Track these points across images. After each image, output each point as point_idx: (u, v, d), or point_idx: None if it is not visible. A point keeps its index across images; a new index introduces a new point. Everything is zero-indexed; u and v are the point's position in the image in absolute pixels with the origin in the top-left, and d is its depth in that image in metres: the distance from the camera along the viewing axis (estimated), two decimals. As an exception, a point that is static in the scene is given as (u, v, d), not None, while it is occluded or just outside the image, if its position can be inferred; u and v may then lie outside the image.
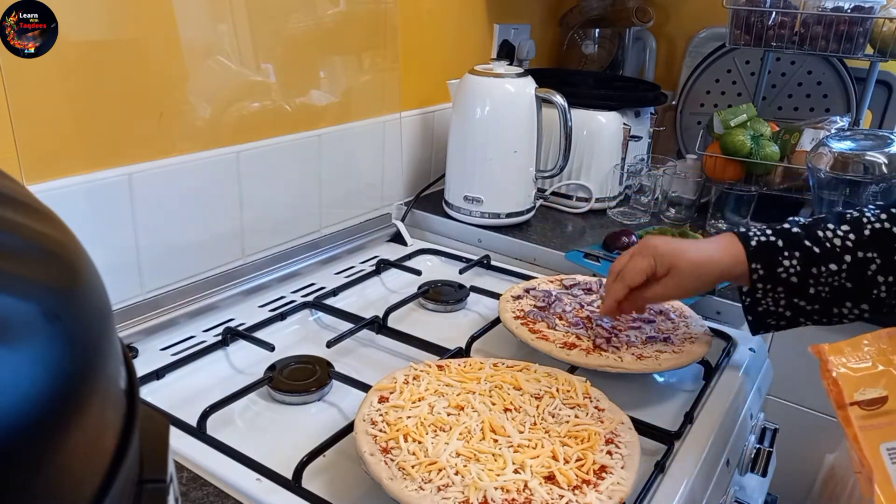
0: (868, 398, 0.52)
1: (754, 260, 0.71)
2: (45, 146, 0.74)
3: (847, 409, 0.53)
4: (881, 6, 1.25)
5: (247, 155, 0.95)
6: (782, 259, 0.70)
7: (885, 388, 0.52)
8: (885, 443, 0.50)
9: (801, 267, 0.69)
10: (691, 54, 1.64)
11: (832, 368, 0.55)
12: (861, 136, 1.18)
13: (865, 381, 0.53)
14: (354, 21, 1.07)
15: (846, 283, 0.68)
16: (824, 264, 0.68)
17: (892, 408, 0.52)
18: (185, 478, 0.61)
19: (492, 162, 1.17)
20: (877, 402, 0.52)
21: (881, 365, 0.54)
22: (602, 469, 0.57)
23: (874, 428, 0.51)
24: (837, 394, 0.54)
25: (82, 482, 0.21)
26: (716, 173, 1.35)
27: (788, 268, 0.70)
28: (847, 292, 0.68)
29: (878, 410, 0.52)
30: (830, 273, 0.68)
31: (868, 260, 0.67)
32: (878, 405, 0.52)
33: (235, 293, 0.93)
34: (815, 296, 0.69)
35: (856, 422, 0.52)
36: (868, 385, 0.53)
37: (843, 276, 0.68)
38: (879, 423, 0.51)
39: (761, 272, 0.71)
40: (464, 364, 0.71)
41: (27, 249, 0.22)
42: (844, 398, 0.53)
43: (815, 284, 0.69)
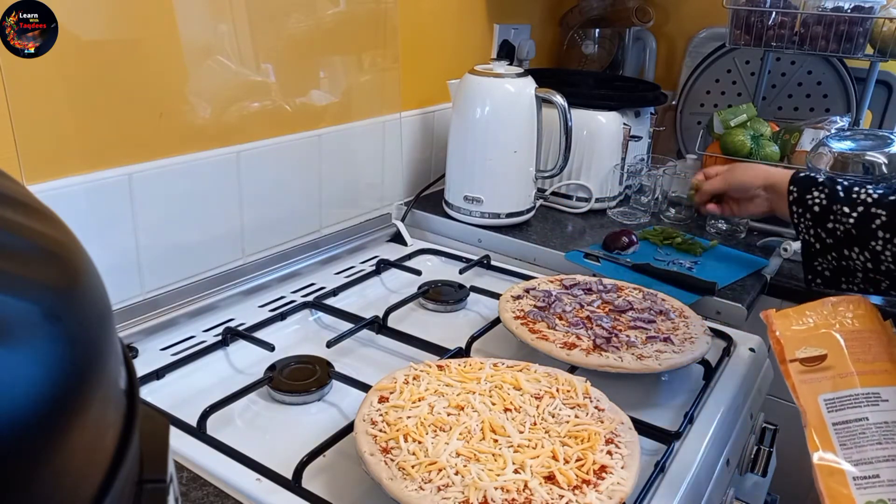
0: (808, 356, 0.59)
1: (793, 183, 0.89)
2: (45, 146, 0.74)
3: (787, 364, 0.59)
4: (881, 6, 1.26)
5: (247, 155, 0.95)
6: (814, 189, 0.86)
7: (825, 348, 0.59)
8: (822, 394, 0.57)
9: (826, 201, 0.84)
10: (691, 54, 1.64)
11: (776, 329, 0.61)
12: (861, 136, 1.18)
13: (807, 341, 0.60)
14: (354, 21, 1.07)
15: (852, 229, 0.81)
16: (840, 204, 0.82)
17: (829, 364, 0.58)
18: (185, 478, 0.61)
19: (492, 162, 1.17)
20: (816, 360, 0.58)
21: (823, 328, 0.60)
22: (602, 469, 0.57)
23: (812, 381, 0.58)
24: (780, 351, 0.60)
25: (82, 482, 0.21)
26: (716, 173, 1.35)
27: (815, 197, 0.85)
28: (852, 237, 0.81)
29: (817, 367, 0.58)
30: (844, 214, 0.82)
31: (876, 215, 0.79)
32: (816, 362, 0.58)
33: (235, 293, 0.93)
34: (832, 231, 0.83)
35: (795, 376, 0.58)
36: (809, 344, 0.60)
37: (851, 220, 0.81)
38: (818, 378, 0.58)
39: (795, 195, 0.88)
40: (464, 364, 0.71)
41: (27, 249, 0.22)
42: (786, 355, 0.60)
43: (833, 220, 0.83)
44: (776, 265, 1.10)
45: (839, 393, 0.56)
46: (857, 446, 0.54)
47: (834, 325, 0.60)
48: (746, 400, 0.81)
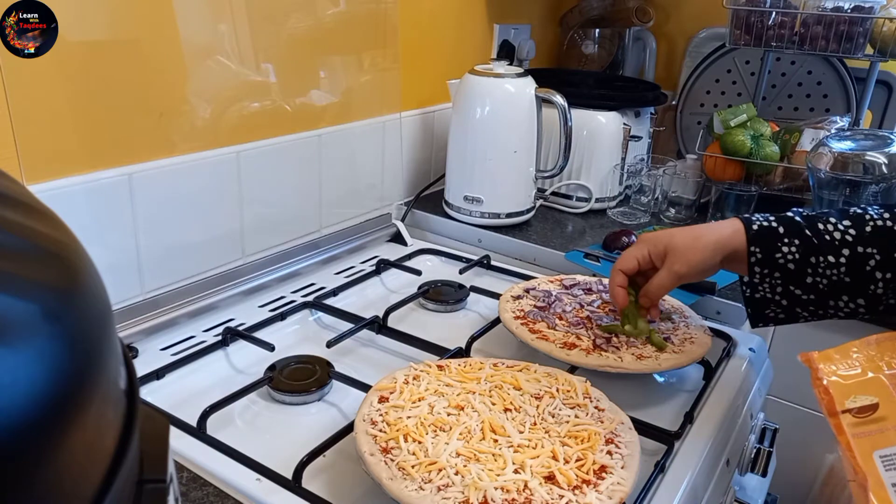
0: (859, 405, 0.53)
1: (754, 243, 0.71)
2: (45, 146, 0.74)
3: (839, 416, 0.53)
4: (881, 6, 1.25)
5: (247, 155, 0.95)
6: (781, 245, 0.70)
7: (876, 395, 0.53)
8: (877, 450, 0.51)
9: (799, 255, 0.69)
10: (691, 54, 1.64)
11: (822, 377, 0.55)
12: (861, 136, 1.18)
13: (856, 388, 0.54)
14: (354, 21, 1.07)
15: (844, 277, 0.68)
16: (823, 255, 0.68)
17: (882, 415, 0.52)
18: (185, 478, 0.61)
19: (492, 162, 1.17)
20: (868, 410, 0.52)
21: (871, 372, 0.54)
22: (602, 469, 0.57)
23: (866, 435, 0.52)
24: (829, 402, 0.54)
25: (82, 482, 0.21)
26: (716, 173, 1.35)
27: (787, 254, 0.70)
28: (844, 286, 0.68)
29: (869, 417, 0.52)
30: (829, 265, 0.68)
31: (867, 255, 0.67)
32: (869, 412, 0.52)
33: (235, 293, 0.93)
34: (813, 286, 0.69)
35: (848, 429, 0.52)
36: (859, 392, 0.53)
37: (841, 269, 0.68)
38: (871, 431, 0.52)
39: (759, 255, 0.71)
40: (464, 364, 0.71)
41: (27, 249, 0.22)
42: (836, 406, 0.54)
43: (813, 274, 0.69)
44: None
45: None
46: None
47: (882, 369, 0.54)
48: (746, 400, 0.81)
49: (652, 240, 0.76)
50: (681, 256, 0.74)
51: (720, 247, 0.73)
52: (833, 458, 1.09)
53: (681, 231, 0.76)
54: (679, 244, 0.74)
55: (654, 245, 0.76)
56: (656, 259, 0.76)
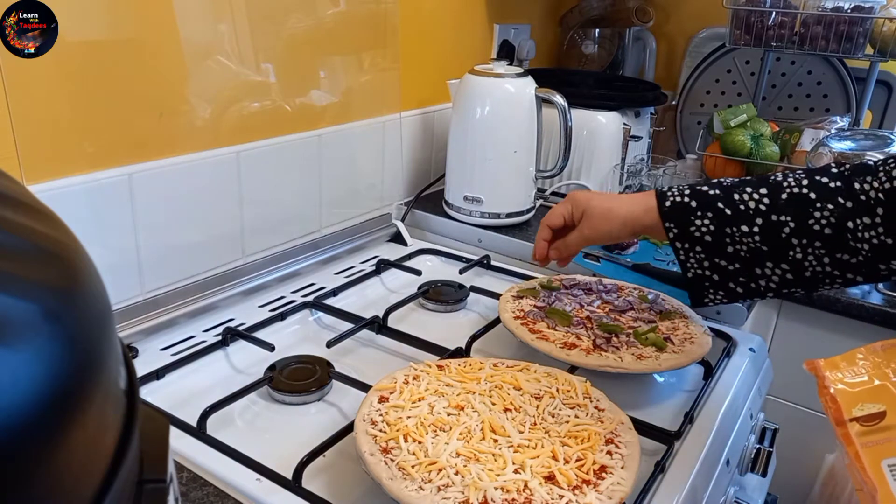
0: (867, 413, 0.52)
1: (668, 220, 0.73)
2: (45, 146, 0.74)
3: (846, 425, 0.52)
4: (881, 6, 1.26)
5: (247, 155, 0.95)
6: (694, 219, 0.71)
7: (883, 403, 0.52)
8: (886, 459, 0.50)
9: (714, 227, 0.70)
10: (691, 54, 1.64)
11: (829, 385, 0.54)
12: (861, 136, 1.18)
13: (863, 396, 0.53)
14: (354, 21, 1.07)
15: (761, 246, 0.69)
16: (736, 225, 0.69)
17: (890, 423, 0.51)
18: (185, 478, 0.61)
19: (492, 162, 1.17)
20: (876, 418, 0.52)
21: (877, 379, 0.53)
22: (602, 469, 0.57)
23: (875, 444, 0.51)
24: (836, 410, 0.54)
25: (82, 482, 0.21)
26: (716, 173, 1.35)
27: (701, 227, 0.71)
28: (763, 254, 0.69)
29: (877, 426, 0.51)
30: (743, 234, 0.69)
31: (781, 223, 0.68)
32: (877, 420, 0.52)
33: (235, 293, 0.93)
34: (735, 255, 0.70)
35: (856, 439, 0.51)
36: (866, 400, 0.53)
37: (755, 238, 0.69)
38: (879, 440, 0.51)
39: (676, 231, 0.72)
40: (464, 364, 0.71)
41: (27, 249, 0.22)
42: (843, 415, 0.53)
43: (732, 243, 0.70)
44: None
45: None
46: None
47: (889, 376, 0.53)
48: (746, 400, 0.81)
49: (576, 200, 0.81)
50: (591, 222, 0.79)
51: (629, 222, 0.76)
52: (833, 458, 1.09)
53: (600, 198, 0.80)
54: (593, 211, 0.79)
55: (576, 206, 0.81)
56: (576, 219, 0.81)
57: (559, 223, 0.82)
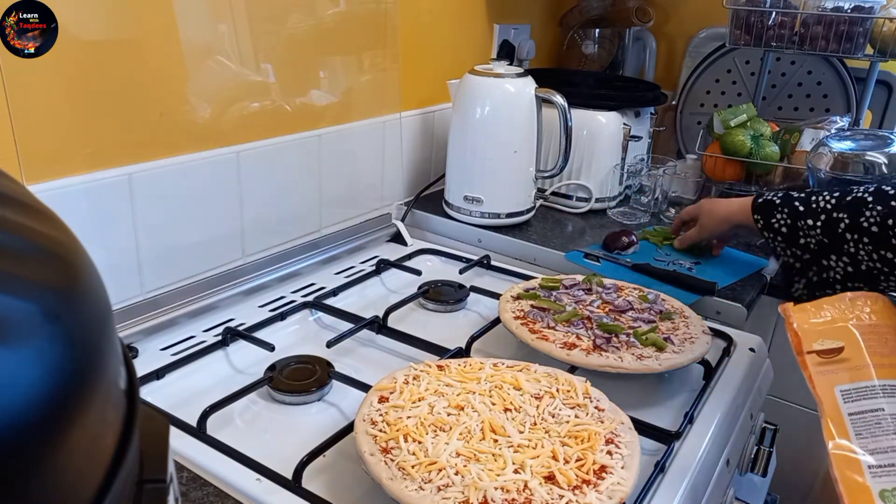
0: (825, 348, 0.59)
1: (756, 212, 0.95)
2: (45, 146, 0.74)
3: (805, 355, 0.60)
4: (881, 6, 1.26)
5: (247, 155, 0.95)
6: (776, 212, 0.92)
7: (842, 341, 0.59)
8: (838, 385, 0.57)
9: (790, 220, 0.90)
10: (691, 54, 1.64)
11: (793, 322, 0.62)
12: (861, 136, 1.18)
13: (824, 334, 0.60)
14: (354, 21, 1.07)
15: (823, 239, 0.86)
16: (804, 219, 0.88)
17: (846, 357, 0.58)
18: (185, 478, 0.61)
19: (492, 162, 1.17)
20: (833, 352, 0.59)
21: (840, 322, 0.61)
22: (602, 469, 0.57)
23: (829, 373, 0.58)
24: (797, 343, 0.61)
25: (82, 482, 0.21)
26: (716, 173, 1.35)
27: (780, 220, 0.91)
28: (826, 246, 0.85)
29: (833, 359, 0.58)
30: (810, 227, 0.87)
31: (838, 219, 0.83)
32: (833, 354, 0.59)
33: (235, 293, 0.93)
34: (805, 246, 0.88)
35: (812, 367, 0.59)
36: (826, 337, 0.60)
37: (817, 230, 0.86)
38: (834, 369, 0.58)
39: (762, 222, 0.94)
40: (464, 364, 0.71)
41: (27, 249, 0.22)
42: (803, 347, 0.60)
43: (804, 236, 0.88)
44: (776, 265, 1.10)
45: (855, 384, 0.57)
46: (873, 436, 0.54)
47: (851, 319, 0.60)
48: (746, 400, 0.81)
49: (700, 203, 1.07)
50: (702, 221, 1.05)
51: (727, 219, 1.00)
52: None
53: (711, 202, 1.05)
54: (703, 212, 1.04)
55: (699, 207, 1.06)
56: (695, 217, 1.07)
57: (688, 217, 1.10)
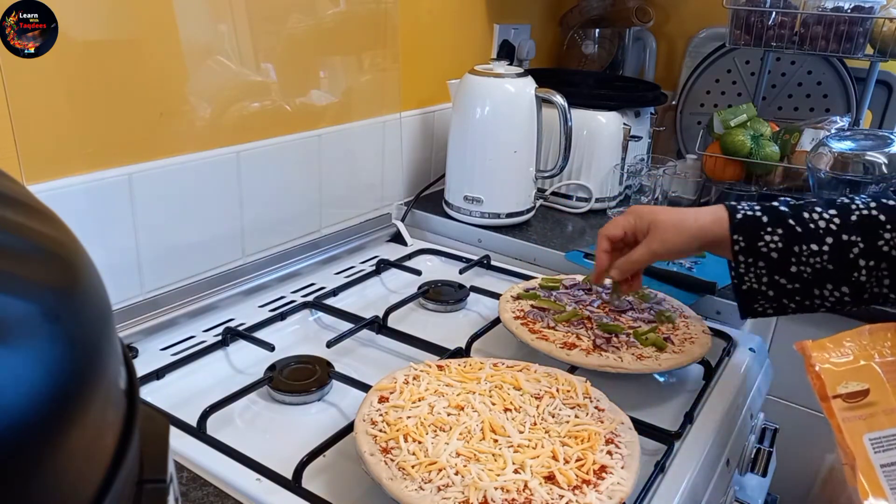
0: (850, 391, 0.55)
1: (737, 232, 0.71)
2: (45, 146, 0.74)
3: (830, 401, 0.55)
4: (881, 6, 1.25)
5: (247, 155, 0.95)
6: (764, 234, 0.70)
7: (867, 382, 0.55)
8: (867, 433, 0.53)
9: (782, 244, 0.69)
10: (691, 54, 1.64)
11: (815, 363, 0.57)
12: (861, 136, 1.18)
13: (847, 375, 0.56)
14: (354, 21, 1.07)
15: (828, 265, 0.68)
16: (806, 244, 0.69)
17: (873, 400, 0.54)
18: (185, 478, 0.61)
19: (492, 162, 1.17)
20: (858, 395, 0.54)
21: (862, 360, 0.56)
22: (602, 469, 0.57)
23: (857, 419, 0.54)
24: (821, 387, 0.56)
25: (82, 482, 0.21)
26: (716, 173, 1.35)
27: (769, 243, 0.70)
28: (828, 274, 0.68)
29: (860, 403, 0.54)
30: (812, 253, 0.68)
31: (851, 243, 0.67)
32: (859, 398, 0.54)
33: (235, 293, 0.93)
34: (797, 275, 0.69)
35: (839, 413, 0.54)
36: (850, 379, 0.55)
37: (824, 257, 0.68)
38: (862, 415, 0.54)
39: (743, 244, 0.71)
40: (464, 364, 0.71)
41: (27, 249, 0.22)
42: (828, 391, 0.56)
43: (797, 263, 0.69)
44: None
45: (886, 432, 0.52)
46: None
47: (873, 357, 0.56)
48: (746, 400, 0.81)
49: (640, 213, 0.77)
50: (660, 236, 0.75)
51: (700, 235, 0.74)
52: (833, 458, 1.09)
53: (666, 211, 0.76)
54: (662, 224, 0.75)
55: (640, 219, 0.76)
56: (639, 233, 0.77)
57: (619, 234, 0.78)
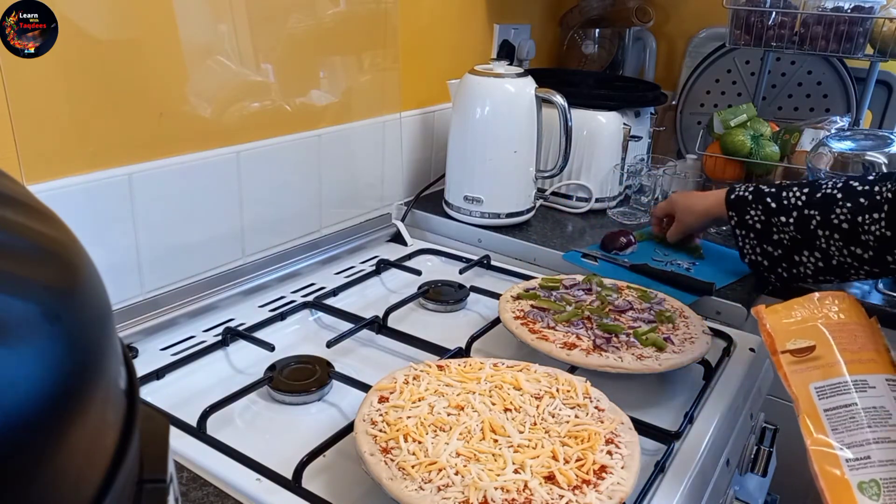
0: (798, 347, 0.61)
1: (730, 209, 0.95)
2: (45, 146, 0.74)
3: (779, 355, 0.62)
4: (881, 6, 1.26)
5: (247, 155, 0.95)
6: (749, 209, 0.92)
7: (813, 339, 0.61)
8: (812, 382, 0.59)
9: (763, 216, 0.90)
10: (691, 54, 1.64)
11: (766, 323, 0.64)
12: (861, 136, 1.18)
13: (796, 333, 0.62)
14: (354, 21, 1.07)
15: (796, 234, 0.87)
16: (777, 216, 0.89)
17: (818, 355, 0.60)
18: (185, 478, 0.61)
19: (492, 162, 1.17)
20: (805, 351, 0.61)
21: (810, 322, 0.63)
22: (602, 469, 0.57)
23: (803, 371, 0.60)
24: (771, 343, 0.63)
25: (82, 482, 0.21)
26: (716, 173, 1.35)
27: (754, 216, 0.92)
28: (799, 242, 0.87)
29: (805, 357, 0.61)
30: (784, 223, 0.88)
31: (810, 217, 0.85)
32: (806, 353, 0.61)
33: (235, 293, 0.93)
34: (778, 242, 0.90)
35: (786, 366, 0.61)
36: (798, 336, 0.62)
37: (791, 227, 0.87)
38: (808, 367, 0.60)
39: (735, 219, 0.94)
40: (464, 364, 0.71)
41: (27, 249, 0.22)
42: (777, 346, 0.62)
43: (778, 232, 0.89)
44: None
45: (828, 381, 0.59)
46: (848, 430, 0.56)
47: (820, 318, 0.63)
48: (746, 400, 0.81)
49: (671, 200, 1.08)
50: (679, 217, 1.06)
51: (706, 213, 1.01)
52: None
53: (687, 196, 1.06)
54: (679, 207, 1.06)
55: (671, 204, 1.08)
56: (671, 213, 1.08)
57: (661, 214, 1.10)
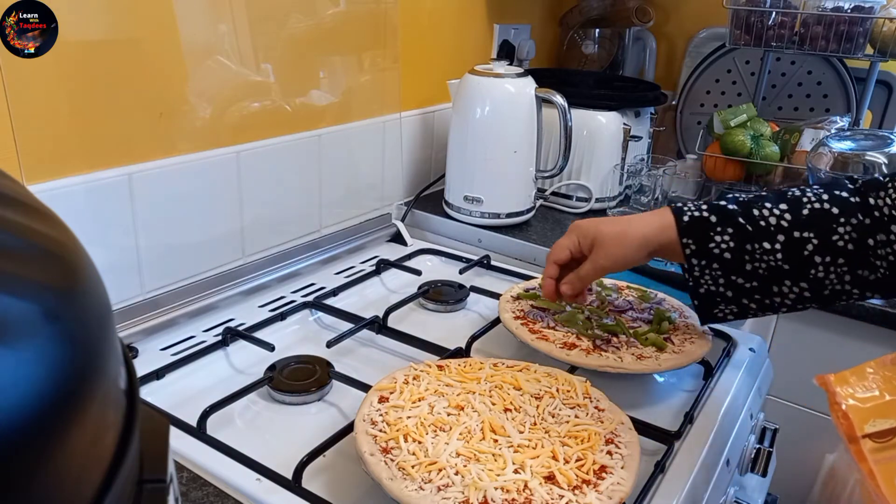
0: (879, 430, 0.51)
1: (686, 235, 0.70)
2: (45, 146, 0.74)
3: (859, 442, 0.52)
4: (881, 6, 1.26)
5: (247, 155, 0.95)
6: (714, 235, 0.68)
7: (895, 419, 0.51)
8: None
9: (734, 243, 0.68)
10: (691, 54, 1.64)
11: (840, 401, 0.53)
12: (861, 136, 1.18)
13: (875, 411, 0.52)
14: (354, 21, 1.07)
15: (782, 264, 0.66)
16: (758, 242, 0.67)
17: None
18: (185, 478, 0.61)
19: (492, 162, 1.17)
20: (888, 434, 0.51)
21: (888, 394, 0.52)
22: (602, 469, 0.57)
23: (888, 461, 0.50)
24: (848, 427, 0.53)
25: (82, 482, 0.21)
26: (716, 173, 1.35)
27: (721, 243, 0.68)
28: (784, 272, 0.66)
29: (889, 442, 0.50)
30: (765, 251, 0.66)
31: (804, 240, 0.65)
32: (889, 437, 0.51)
33: (235, 293, 0.93)
34: (753, 273, 0.68)
35: (869, 455, 0.51)
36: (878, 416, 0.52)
37: (777, 255, 0.66)
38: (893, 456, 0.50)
39: (693, 247, 0.69)
40: (464, 364, 0.71)
41: (27, 249, 0.22)
42: (856, 431, 0.52)
43: (752, 261, 0.67)
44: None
45: None
46: None
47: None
48: (746, 400, 0.81)
49: (582, 229, 0.76)
50: (606, 250, 0.74)
51: (646, 243, 0.72)
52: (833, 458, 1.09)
53: (609, 223, 0.75)
54: (605, 237, 0.74)
55: (584, 235, 0.76)
56: (585, 249, 0.76)
57: (566, 257, 0.77)
